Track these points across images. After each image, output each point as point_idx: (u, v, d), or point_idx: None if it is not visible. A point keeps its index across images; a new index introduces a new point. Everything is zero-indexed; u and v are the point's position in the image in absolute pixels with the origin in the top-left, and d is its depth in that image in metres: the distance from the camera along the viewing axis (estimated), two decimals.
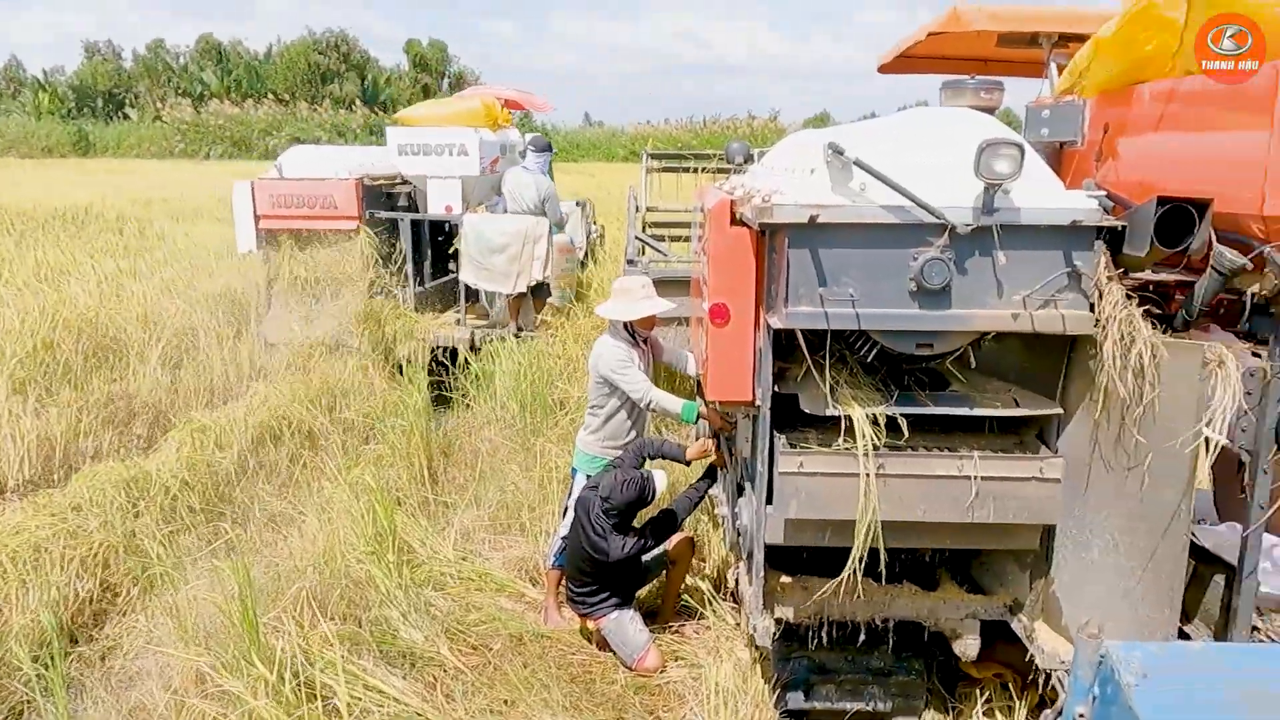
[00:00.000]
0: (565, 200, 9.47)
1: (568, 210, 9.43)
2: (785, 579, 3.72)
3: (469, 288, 8.74)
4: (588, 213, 10.85)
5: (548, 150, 8.79)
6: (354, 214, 8.44)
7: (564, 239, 8.86)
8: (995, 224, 3.05)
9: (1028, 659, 3.47)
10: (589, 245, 10.45)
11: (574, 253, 9.46)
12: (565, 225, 9.16)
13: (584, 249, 10.20)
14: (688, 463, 4.69)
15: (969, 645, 3.66)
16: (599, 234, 11.21)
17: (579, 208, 10.37)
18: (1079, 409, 3.28)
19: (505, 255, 8.28)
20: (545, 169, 8.68)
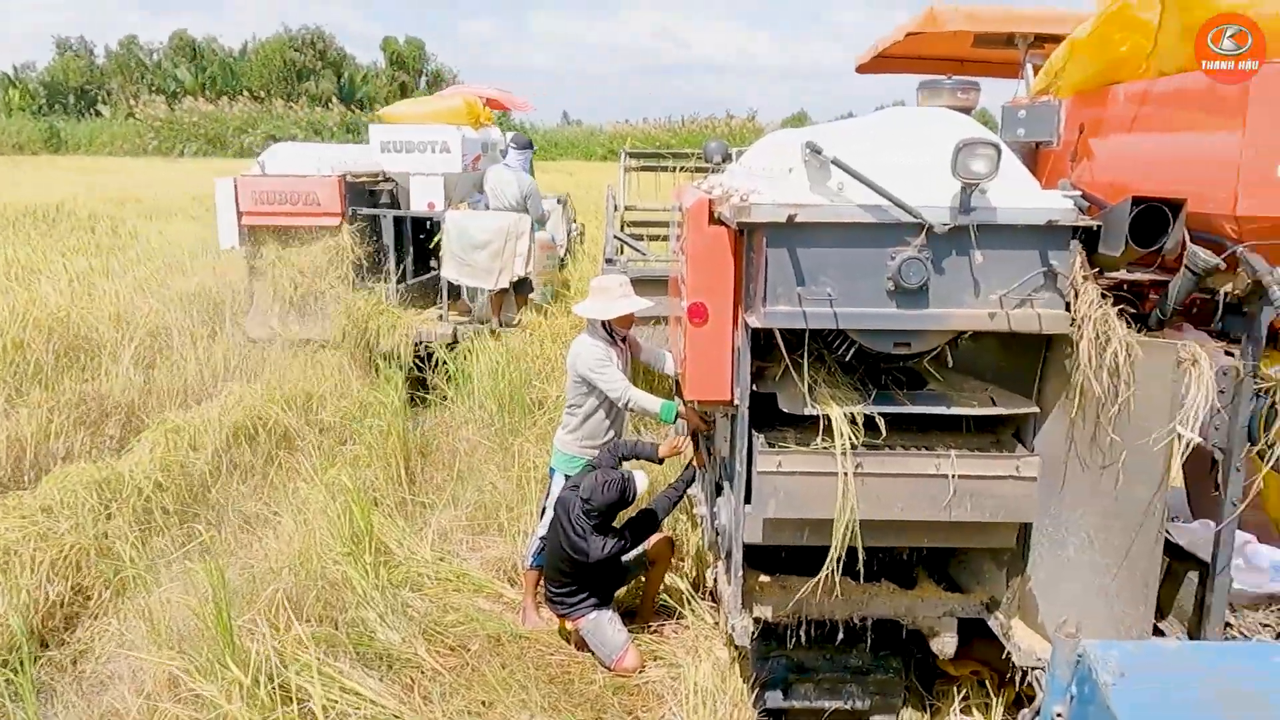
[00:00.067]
0: (546, 197, 9.45)
1: (549, 207, 9.43)
2: (764, 578, 3.72)
3: (451, 284, 8.76)
4: (568, 210, 10.84)
5: (529, 148, 8.80)
6: (337, 211, 8.44)
7: (545, 236, 8.85)
8: (972, 223, 3.06)
9: (1005, 656, 3.49)
10: (569, 242, 10.43)
11: (554, 250, 9.46)
12: (547, 222, 9.15)
13: (564, 246, 10.19)
14: (660, 461, 4.69)
15: (946, 643, 3.67)
16: (579, 231, 11.19)
17: (559, 205, 10.36)
18: (1055, 408, 3.30)
19: (487, 251, 8.30)
20: (526, 166, 8.69)
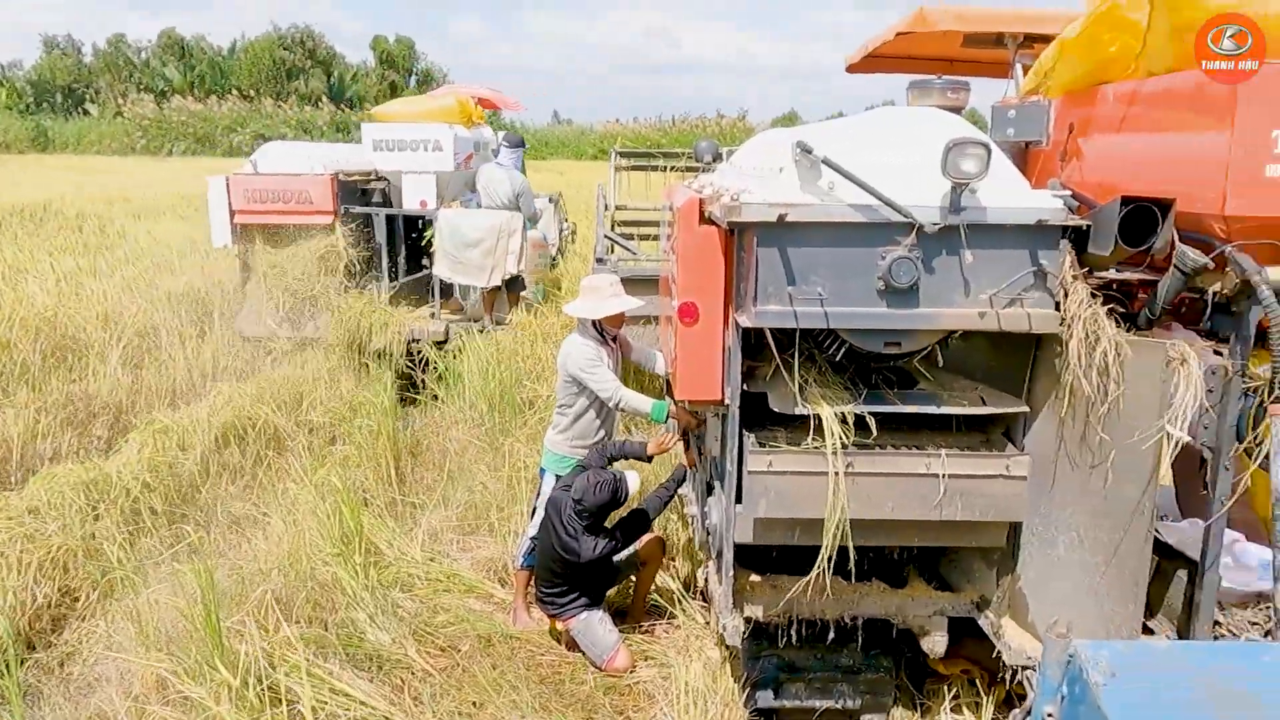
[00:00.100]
0: (538, 196, 9.46)
1: (541, 206, 9.44)
2: (754, 578, 3.72)
3: (443, 282, 8.77)
4: (560, 209, 10.82)
5: (521, 145, 8.83)
6: (329, 209, 8.43)
7: (536, 235, 8.86)
8: (962, 223, 3.07)
9: (995, 655, 3.50)
10: (561, 242, 10.42)
11: (546, 248, 9.45)
12: (539, 220, 9.16)
13: (557, 245, 10.18)
14: (649, 459, 4.68)
15: (937, 642, 3.68)
16: (571, 230, 11.17)
17: (551, 204, 10.35)
18: (1045, 407, 3.31)
19: (480, 249, 8.31)
20: (519, 164, 8.70)
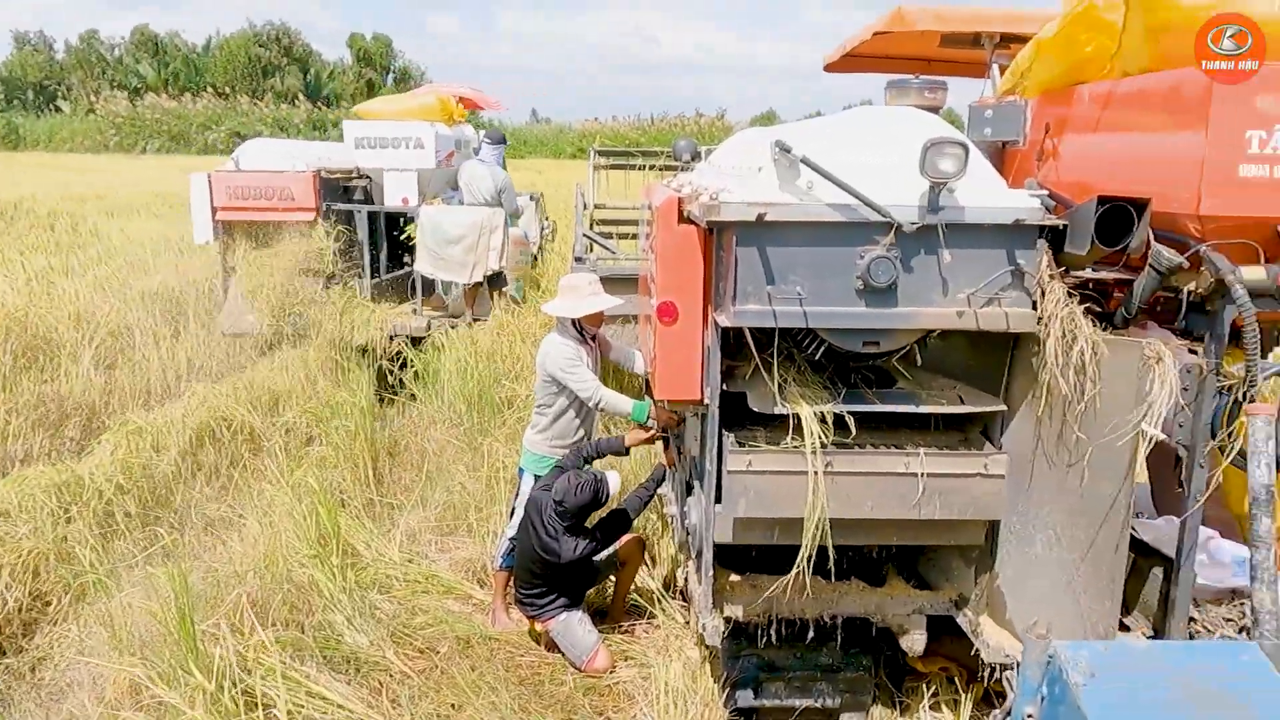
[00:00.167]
0: (520, 194, 9.46)
1: (523, 204, 9.49)
2: (734, 577, 3.72)
3: (425, 279, 8.78)
4: (541, 207, 10.81)
5: (502, 142, 8.88)
6: (311, 206, 8.45)
7: (517, 232, 8.90)
8: (940, 223, 3.07)
9: (973, 653, 3.51)
10: (542, 240, 10.41)
11: (527, 246, 9.46)
12: (521, 216, 9.19)
13: (538, 243, 10.18)
14: (626, 451, 4.68)
15: (916, 640, 3.69)
16: (551, 229, 11.15)
17: (533, 202, 10.36)
18: (1022, 406, 3.33)
19: (461, 246, 8.34)
20: (500, 160, 8.73)
